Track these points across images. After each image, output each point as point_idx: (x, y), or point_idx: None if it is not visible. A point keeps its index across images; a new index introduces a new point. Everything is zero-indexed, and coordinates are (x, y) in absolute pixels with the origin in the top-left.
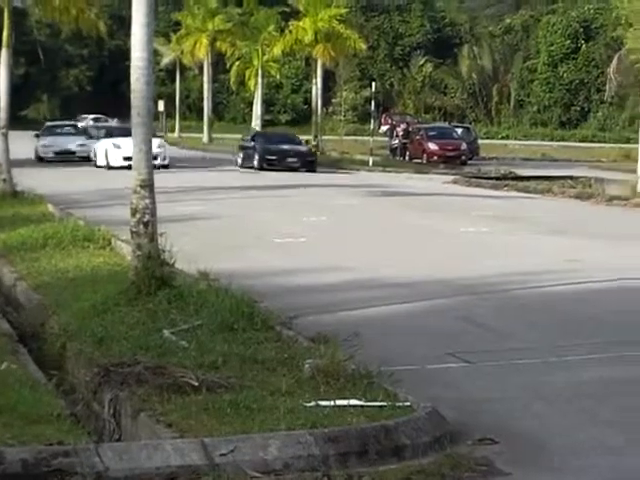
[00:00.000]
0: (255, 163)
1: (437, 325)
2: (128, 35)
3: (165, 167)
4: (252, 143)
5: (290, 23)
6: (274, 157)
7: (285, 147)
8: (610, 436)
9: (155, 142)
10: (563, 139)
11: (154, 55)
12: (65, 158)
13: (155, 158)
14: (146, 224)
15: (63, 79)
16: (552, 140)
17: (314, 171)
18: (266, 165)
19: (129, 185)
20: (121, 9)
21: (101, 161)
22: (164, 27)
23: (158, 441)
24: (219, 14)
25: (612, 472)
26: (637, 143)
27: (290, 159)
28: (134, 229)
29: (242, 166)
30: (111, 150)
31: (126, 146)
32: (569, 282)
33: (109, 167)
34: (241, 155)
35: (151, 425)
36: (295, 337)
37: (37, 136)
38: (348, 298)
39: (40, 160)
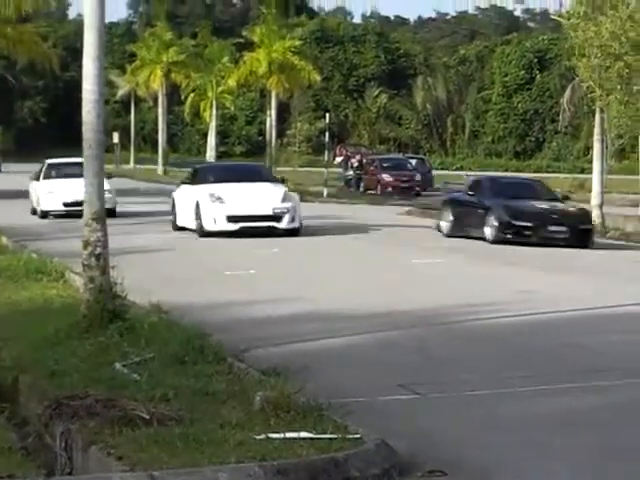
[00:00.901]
0: (489, 233)
1: (388, 357)
2: (82, 67)
3: (294, 233)
4: (475, 197)
5: (244, 54)
6: (527, 224)
7: (541, 205)
8: (559, 468)
9: (277, 192)
10: (518, 169)
11: (109, 87)
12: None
13: (277, 219)
14: (98, 257)
15: (18, 110)
16: (507, 170)
17: (588, 247)
18: (511, 236)
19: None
20: (75, 41)
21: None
22: (119, 59)
23: (108, 474)
24: (173, 46)
25: None
26: (591, 173)
27: (554, 227)
28: (86, 262)
29: (451, 234)
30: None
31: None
32: (522, 313)
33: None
34: (450, 217)
35: (102, 458)
36: (246, 370)
37: (36, 179)
38: (299, 330)
39: (43, 217)
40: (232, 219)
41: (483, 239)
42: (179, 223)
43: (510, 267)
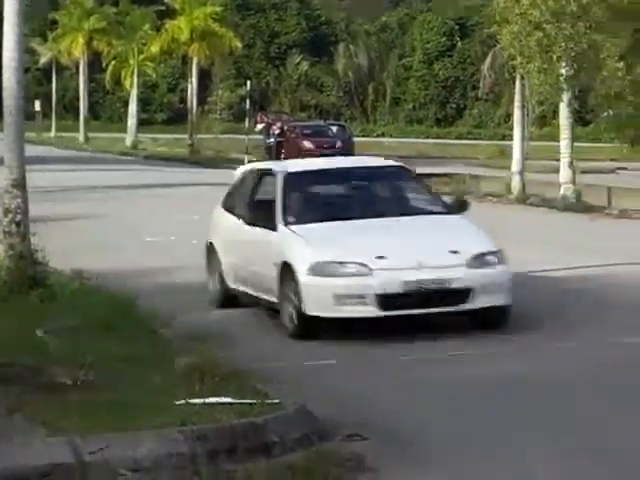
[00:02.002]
0: None
1: None
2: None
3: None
4: None
5: (166, 22)
6: None
7: None
8: (479, 430)
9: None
10: (439, 136)
11: (31, 54)
12: None
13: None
14: (18, 224)
15: None
16: (428, 137)
17: None
18: None
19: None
20: None
21: None
22: (41, 26)
23: (29, 439)
24: (95, 13)
25: (478, 464)
26: (512, 140)
27: None
28: (6, 229)
29: None
30: None
31: None
32: None
33: None
34: None
35: (25, 424)
36: (170, 336)
37: None
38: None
39: None
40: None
41: None
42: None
43: None
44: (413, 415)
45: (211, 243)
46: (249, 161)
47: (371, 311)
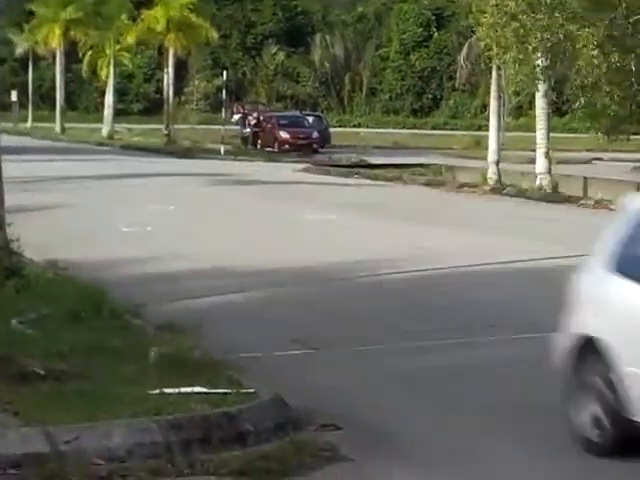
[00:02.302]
0: None
1: (282, 312)
2: None
3: None
4: None
5: (142, 12)
6: None
7: None
8: (453, 421)
9: None
10: (415, 127)
11: (7, 45)
12: None
13: None
14: None
15: None
16: (404, 128)
17: None
18: None
19: None
20: None
21: None
22: (17, 16)
23: (3, 430)
24: (72, 3)
25: (453, 456)
26: (488, 130)
27: None
28: None
29: None
30: None
31: None
32: (416, 269)
33: None
34: None
35: None
36: (142, 326)
37: None
38: (194, 287)
39: None
40: None
41: None
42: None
43: (404, 223)
44: (390, 405)
45: (590, 340)
46: (225, 151)
47: None
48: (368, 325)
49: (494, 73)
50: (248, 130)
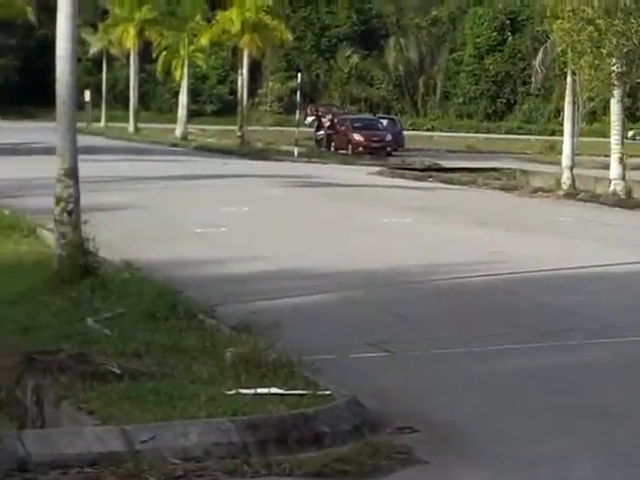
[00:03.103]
0: None
1: (358, 315)
2: (56, 25)
3: None
4: None
5: (217, 13)
6: None
7: None
8: (528, 425)
9: None
10: (489, 131)
11: (82, 45)
12: None
13: None
14: (70, 213)
15: None
16: (478, 132)
17: None
18: None
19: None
20: None
21: None
22: (92, 16)
23: (79, 428)
24: (146, 3)
25: (529, 460)
26: (562, 135)
27: None
28: (58, 218)
29: None
30: None
31: None
32: (492, 273)
33: None
34: None
35: (73, 412)
36: (217, 326)
37: None
38: (269, 288)
39: None
40: None
41: None
42: None
43: (479, 227)
44: (465, 408)
45: None
46: (299, 153)
47: None
48: (442, 328)
49: (569, 78)
50: (322, 132)
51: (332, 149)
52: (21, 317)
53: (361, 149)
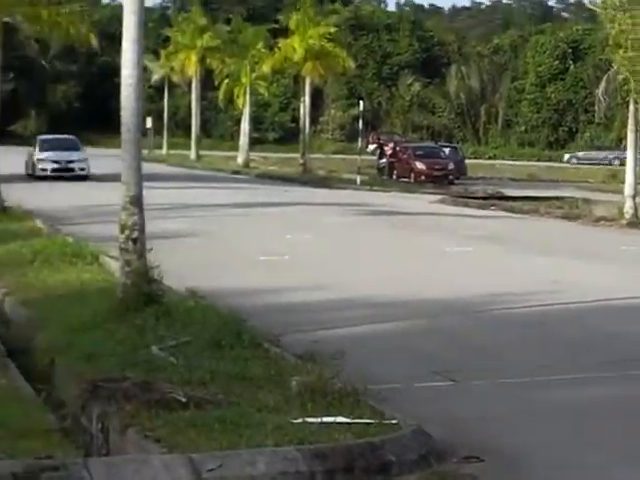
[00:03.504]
0: None
1: (422, 344)
2: (117, 52)
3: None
4: None
5: (278, 41)
6: None
7: None
8: (594, 454)
9: None
10: (550, 159)
11: (144, 72)
12: None
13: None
14: (135, 241)
15: (51, 95)
16: (539, 160)
17: None
18: None
19: (115, 202)
20: (110, 25)
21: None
22: (153, 44)
23: (145, 456)
24: (208, 31)
25: None
26: (624, 164)
27: None
28: (123, 245)
29: None
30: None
31: None
32: (556, 302)
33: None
34: None
35: (139, 440)
36: (282, 354)
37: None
38: (333, 316)
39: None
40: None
41: None
42: None
43: (542, 256)
44: (531, 437)
45: None
46: (361, 181)
47: None
48: (506, 357)
49: (631, 106)
50: (384, 160)
51: (394, 177)
52: (86, 344)
53: (423, 177)
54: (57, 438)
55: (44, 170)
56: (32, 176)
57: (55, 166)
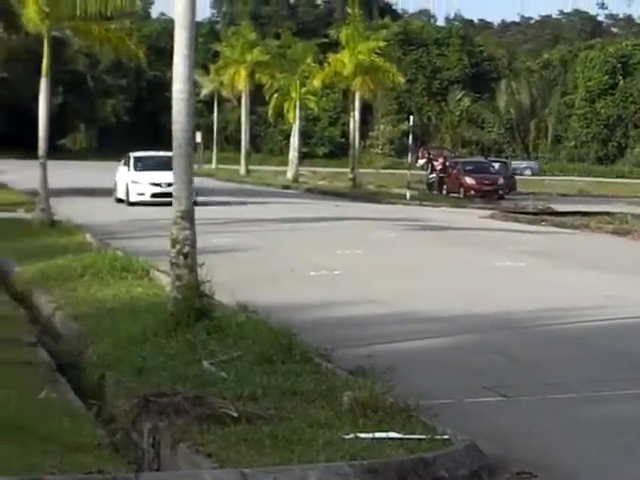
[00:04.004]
0: None
1: (473, 359)
2: (167, 66)
3: None
4: None
5: (328, 55)
6: None
7: None
8: None
9: None
10: (600, 174)
11: (194, 86)
12: None
13: None
14: (186, 255)
15: (101, 109)
16: (589, 175)
17: None
18: None
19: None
20: (158, 40)
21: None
22: (203, 58)
23: (197, 471)
24: (257, 46)
25: None
26: None
27: None
28: (174, 260)
29: None
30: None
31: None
32: (607, 318)
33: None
34: None
35: (190, 455)
36: (333, 370)
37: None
38: (384, 331)
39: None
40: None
41: None
42: None
43: (592, 270)
44: (582, 454)
45: None
46: (411, 196)
47: None
48: (557, 373)
49: None
50: (434, 175)
51: (444, 192)
52: (137, 359)
53: (473, 192)
54: (107, 453)
55: (141, 194)
56: (122, 201)
57: (156, 190)
